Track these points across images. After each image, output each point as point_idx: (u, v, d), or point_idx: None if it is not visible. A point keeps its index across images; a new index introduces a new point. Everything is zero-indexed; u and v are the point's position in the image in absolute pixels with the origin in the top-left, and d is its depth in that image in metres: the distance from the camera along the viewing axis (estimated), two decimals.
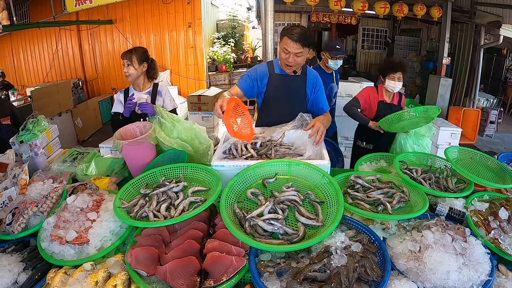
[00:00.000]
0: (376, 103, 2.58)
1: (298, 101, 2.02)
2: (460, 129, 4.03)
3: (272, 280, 1.00)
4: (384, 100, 2.58)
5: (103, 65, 7.69)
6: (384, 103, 2.58)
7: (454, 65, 7.12)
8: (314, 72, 2.06)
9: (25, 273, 1.13)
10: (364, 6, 5.66)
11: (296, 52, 1.78)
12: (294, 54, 1.79)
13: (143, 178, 1.51)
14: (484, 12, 5.71)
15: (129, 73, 2.15)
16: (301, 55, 1.81)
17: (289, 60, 1.82)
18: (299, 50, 1.77)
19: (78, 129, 5.92)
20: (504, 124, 6.77)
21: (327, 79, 2.96)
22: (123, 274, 1.05)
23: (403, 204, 1.36)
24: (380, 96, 2.59)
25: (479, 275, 1.03)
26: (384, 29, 9.81)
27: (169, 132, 1.88)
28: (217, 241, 1.12)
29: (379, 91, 2.60)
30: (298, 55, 1.80)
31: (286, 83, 1.98)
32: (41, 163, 2.02)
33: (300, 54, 1.80)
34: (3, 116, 2.41)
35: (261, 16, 5.76)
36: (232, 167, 1.46)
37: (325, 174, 1.36)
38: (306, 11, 8.71)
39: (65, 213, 1.32)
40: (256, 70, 2.01)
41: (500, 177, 1.61)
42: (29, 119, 2.12)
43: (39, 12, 7.11)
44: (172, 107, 2.30)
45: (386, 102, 2.58)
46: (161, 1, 6.84)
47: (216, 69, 7.23)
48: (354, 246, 1.09)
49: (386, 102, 2.58)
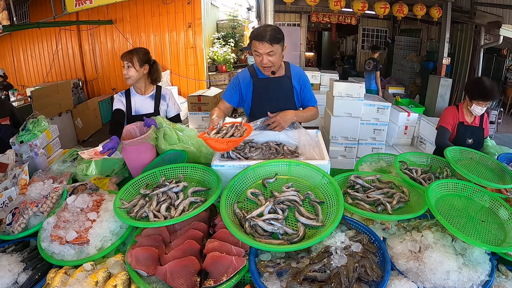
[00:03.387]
0: (456, 124, 2.31)
1: (287, 102, 2.00)
2: None
3: (272, 280, 1.00)
4: (465, 122, 2.29)
5: (103, 65, 7.68)
6: (464, 125, 2.29)
7: (454, 65, 7.12)
8: (297, 68, 2.04)
9: (25, 273, 1.13)
10: (364, 6, 5.66)
11: (267, 52, 1.76)
12: (266, 54, 1.76)
13: (143, 178, 1.51)
14: (484, 12, 5.71)
15: (129, 75, 2.05)
16: (273, 54, 1.77)
17: (264, 62, 1.79)
18: (269, 49, 1.75)
19: (78, 129, 5.91)
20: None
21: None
22: (123, 274, 1.05)
23: (403, 204, 1.36)
24: (461, 117, 2.29)
25: (479, 275, 1.03)
26: (384, 29, 9.82)
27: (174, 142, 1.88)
28: (217, 241, 1.12)
29: (460, 110, 2.30)
30: (270, 54, 1.77)
31: (272, 85, 1.96)
32: (41, 163, 2.02)
33: (272, 53, 1.77)
34: (2, 116, 2.41)
35: (261, 16, 5.77)
36: (232, 167, 1.46)
37: (325, 174, 1.36)
38: (306, 11, 8.71)
39: (65, 213, 1.32)
40: (239, 77, 1.99)
41: (500, 177, 1.61)
42: (29, 119, 2.12)
43: (39, 12, 7.10)
44: (176, 112, 2.24)
45: (466, 124, 2.29)
46: (161, 1, 6.84)
47: (216, 69, 7.22)
48: (354, 246, 1.09)
49: (467, 123, 2.29)
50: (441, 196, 1.35)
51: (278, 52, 1.80)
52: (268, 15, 4.84)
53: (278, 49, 1.78)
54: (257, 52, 1.78)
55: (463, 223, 1.20)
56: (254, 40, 1.76)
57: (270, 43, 1.73)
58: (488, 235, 1.16)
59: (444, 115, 2.36)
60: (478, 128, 2.28)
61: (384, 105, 3.92)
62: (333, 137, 3.99)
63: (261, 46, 1.74)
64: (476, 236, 1.15)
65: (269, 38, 1.72)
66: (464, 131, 2.28)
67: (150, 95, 2.18)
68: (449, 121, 2.31)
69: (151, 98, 2.18)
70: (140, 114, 2.14)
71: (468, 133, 2.26)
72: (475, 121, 2.28)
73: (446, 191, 1.38)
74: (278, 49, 1.78)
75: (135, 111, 2.15)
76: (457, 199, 1.36)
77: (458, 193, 1.39)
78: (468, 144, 2.24)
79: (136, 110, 2.16)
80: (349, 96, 3.83)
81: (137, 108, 2.16)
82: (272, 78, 1.96)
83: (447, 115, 2.34)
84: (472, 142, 2.25)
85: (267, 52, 1.76)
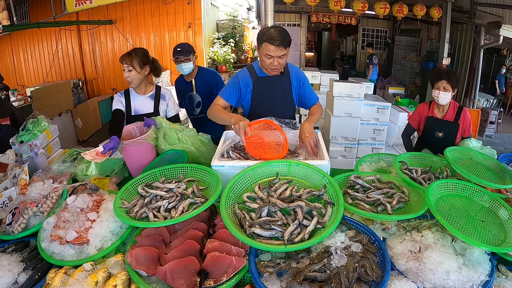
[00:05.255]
0: (425, 118, 2.39)
1: (286, 100, 2.02)
2: None
3: (272, 280, 1.00)
4: (434, 116, 2.34)
5: (103, 65, 7.68)
6: (433, 118, 2.34)
7: (454, 65, 7.12)
8: (295, 66, 2.06)
9: (25, 273, 1.13)
10: (364, 6, 5.66)
11: (280, 55, 1.77)
12: (278, 57, 1.78)
13: (143, 178, 1.51)
14: (484, 13, 5.71)
15: (131, 78, 2.03)
16: (284, 57, 1.80)
17: (274, 64, 1.81)
18: (283, 52, 1.77)
19: (78, 129, 5.91)
20: (504, 124, 6.77)
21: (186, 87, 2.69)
22: (123, 274, 1.05)
23: (403, 204, 1.36)
24: (431, 111, 2.36)
25: (479, 275, 1.03)
26: (384, 30, 9.83)
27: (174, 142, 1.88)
28: (217, 241, 1.12)
29: (431, 106, 2.37)
30: (281, 57, 1.79)
31: (272, 84, 1.98)
32: (41, 163, 2.02)
33: (284, 56, 1.79)
34: (2, 116, 2.41)
35: (261, 17, 5.77)
36: (232, 167, 1.46)
37: (325, 174, 1.36)
38: (306, 11, 8.72)
39: (65, 213, 1.32)
40: (238, 77, 2.00)
41: (500, 177, 1.61)
42: (29, 119, 2.12)
43: (39, 12, 7.09)
44: (176, 112, 2.25)
45: (436, 118, 2.34)
46: (161, 1, 6.84)
47: (216, 69, 7.23)
48: (354, 246, 1.09)
49: (436, 117, 2.33)
50: (441, 196, 1.35)
51: (287, 55, 1.83)
52: (268, 15, 4.85)
53: (288, 52, 1.81)
54: (269, 55, 1.78)
55: (463, 223, 1.20)
56: (266, 43, 1.75)
57: (284, 47, 1.75)
58: (488, 235, 1.16)
59: (413, 112, 2.53)
60: (451, 123, 2.30)
61: (384, 105, 3.92)
62: (333, 137, 3.99)
63: (276, 49, 1.74)
64: (476, 236, 1.14)
65: (283, 42, 1.73)
66: (432, 125, 2.35)
67: (150, 95, 2.18)
68: (415, 117, 2.46)
69: (150, 98, 2.18)
70: (140, 114, 2.14)
71: (437, 127, 2.32)
72: (446, 116, 2.32)
73: (446, 191, 1.38)
74: (288, 51, 1.81)
75: (134, 111, 2.15)
76: (457, 199, 1.36)
77: (458, 193, 1.39)
78: (439, 137, 2.31)
79: (136, 110, 2.16)
80: (349, 96, 3.83)
81: (136, 108, 2.16)
82: (271, 77, 1.97)
83: (414, 112, 2.51)
84: (442, 135, 2.31)
85: (279, 55, 1.77)
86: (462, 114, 2.28)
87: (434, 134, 2.33)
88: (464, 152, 1.79)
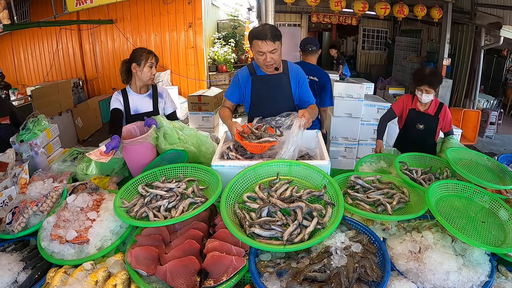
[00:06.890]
0: (408, 110, 2.50)
1: (285, 98, 2.03)
2: (460, 130, 4.04)
3: (272, 280, 1.00)
4: (417, 108, 2.46)
5: (103, 65, 7.68)
6: (415, 111, 2.46)
7: (454, 66, 7.11)
8: (295, 65, 2.07)
9: (25, 272, 1.13)
10: (364, 7, 5.66)
11: (270, 49, 1.79)
12: (269, 52, 1.80)
13: (143, 177, 1.51)
14: (485, 13, 5.71)
15: (155, 75, 2.14)
16: (275, 51, 1.82)
17: (267, 60, 1.83)
18: (272, 47, 1.79)
19: (78, 129, 5.91)
20: (504, 125, 6.76)
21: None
22: (123, 274, 1.05)
23: (403, 204, 1.36)
24: (414, 104, 2.47)
25: (479, 275, 1.03)
26: (385, 30, 9.82)
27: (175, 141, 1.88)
28: (217, 241, 1.12)
29: (414, 98, 2.48)
30: (273, 52, 1.81)
31: (270, 82, 1.99)
32: (41, 162, 2.02)
33: (275, 50, 1.81)
34: (2, 115, 2.41)
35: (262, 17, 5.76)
36: (232, 167, 1.46)
37: (326, 175, 1.36)
38: (306, 11, 8.71)
39: (65, 213, 1.32)
40: (238, 75, 2.04)
41: (500, 178, 1.61)
42: (29, 119, 2.12)
43: (39, 12, 7.10)
44: (173, 109, 2.29)
45: (418, 110, 2.46)
46: (161, 1, 6.83)
47: (217, 69, 7.22)
48: (354, 247, 1.09)
49: (419, 110, 2.45)
50: (441, 197, 1.35)
51: (279, 49, 1.85)
52: (269, 15, 4.84)
53: (279, 46, 1.83)
54: (260, 52, 1.81)
55: (463, 224, 1.20)
56: (255, 40, 1.79)
57: (272, 40, 1.77)
58: (488, 236, 1.16)
59: (398, 99, 2.64)
60: (432, 116, 2.43)
61: (384, 106, 3.92)
62: (333, 138, 3.99)
63: (264, 44, 1.77)
64: (476, 237, 1.14)
65: (270, 36, 1.76)
66: (414, 117, 2.48)
67: (148, 94, 2.20)
68: (399, 105, 2.57)
69: (149, 97, 2.19)
70: (139, 113, 2.14)
71: (418, 119, 2.44)
72: (428, 110, 2.44)
73: (446, 192, 1.38)
74: (279, 46, 1.83)
75: (134, 110, 2.15)
76: (457, 200, 1.36)
77: (458, 194, 1.39)
78: (419, 129, 2.46)
79: (135, 109, 2.16)
80: (349, 97, 3.83)
81: (136, 107, 2.16)
82: (270, 76, 1.98)
83: (399, 100, 2.61)
84: (423, 127, 2.45)
85: (270, 50, 1.79)
86: (443, 110, 2.43)
87: (415, 126, 2.47)
88: (464, 153, 1.79)
